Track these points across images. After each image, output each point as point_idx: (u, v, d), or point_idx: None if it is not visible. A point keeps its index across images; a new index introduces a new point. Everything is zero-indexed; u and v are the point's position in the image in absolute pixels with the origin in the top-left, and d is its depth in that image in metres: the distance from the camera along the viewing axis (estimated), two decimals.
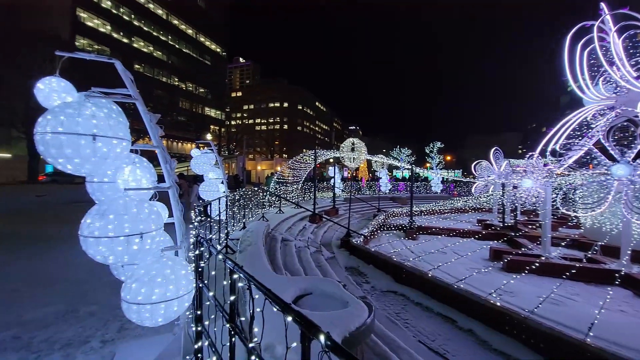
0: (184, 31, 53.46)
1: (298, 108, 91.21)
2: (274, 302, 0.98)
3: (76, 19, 37.43)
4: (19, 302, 3.62)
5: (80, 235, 1.88)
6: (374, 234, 8.96)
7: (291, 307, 0.91)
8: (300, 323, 0.83)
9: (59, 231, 7.72)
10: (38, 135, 1.74)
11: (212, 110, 59.08)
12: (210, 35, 58.80)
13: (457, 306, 4.48)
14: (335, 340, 0.74)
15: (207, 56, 58.55)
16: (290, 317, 0.89)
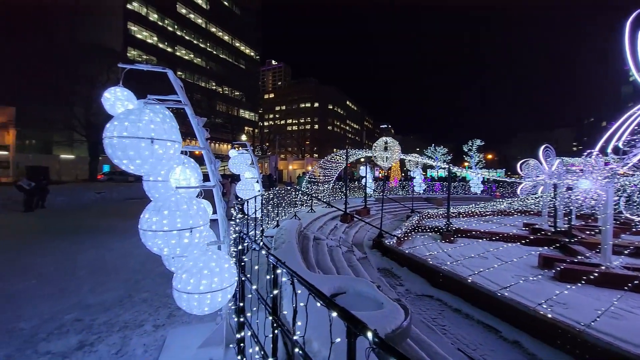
0: (220, 38, 56.27)
1: (329, 108, 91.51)
2: (318, 298, 1.02)
3: (127, 32, 41.13)
4: (83, 288, 4.08)
5: (140, 228, 2.08)
6: (408, 236, 8.71)
7: (336, 304, 0.93)
8: (346, 319, 0.86)
9: (116, 225, 8.58)
10: (106, 139, 1.97)
11: (247, 112, 61.51)
12: (244, 40, 61.25)
13: (502, 315, 4.21)
14: (383, 338, 0.75)
15: (242, 60, 61.06)
16: (335, 313, 0.92)
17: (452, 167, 9.29)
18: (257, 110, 65.63)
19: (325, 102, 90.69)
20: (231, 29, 57.81)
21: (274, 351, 1.39)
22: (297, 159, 49.24)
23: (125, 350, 2.67)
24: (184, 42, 49.41)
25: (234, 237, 2.69)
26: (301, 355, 1.14)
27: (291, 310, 1.60)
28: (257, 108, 66.09)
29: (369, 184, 13.98)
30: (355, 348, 0.84)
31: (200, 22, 52.32)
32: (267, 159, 33.73)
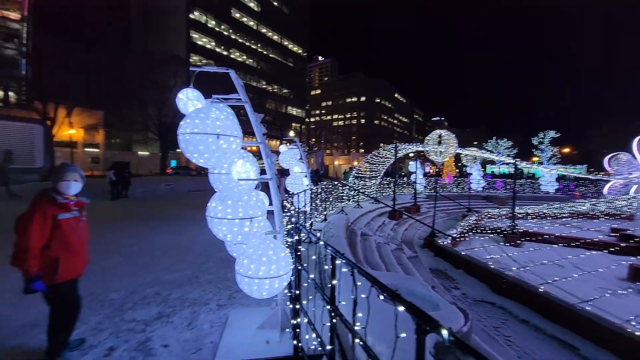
0: (270, 38, 58.52)
1: (375, 101, 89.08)
2: (382, 291, 1.00)
3: (190, 40, 45.26)
4: (158, 266, 4.67)
5: (208, 215, 2.30)
6: (464, 236, 8.10)
7: (403, 298, 0.91)
8: (417, 315, 0.82)
9: (183, 213, 9.62)
10: (180, 136, 2.20)
11: (294, 109, 63.24)
12: (292, 38, 62.75)
13: (580, 331, 3.68)
14: (459, 337, 0.70)
15: (290, 58, 62.77)
16: (402, 308, 0.89)
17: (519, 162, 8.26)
18: (304, 106, 67.06)
19: (372, 95, 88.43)
20: (280, 28, 59.71)
21: (331, 339, 1.42)
22: (342, 154, 49.18)
23: (194, 324, 2.99)
24: (238, 45, 52.60)
25: (288, 228, 2.80)
26: (361, 346, 1.14)
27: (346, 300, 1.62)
28: (304, 104, 67.50)
29: (419, 180, 13.30)
30: (424, 345, 0.81)
31: (252, 24, 55.04)
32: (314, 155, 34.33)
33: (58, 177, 2.26)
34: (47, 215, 2.14)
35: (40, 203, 2.17)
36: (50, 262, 2.16)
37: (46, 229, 2.14)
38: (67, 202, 2.28)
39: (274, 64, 58.62)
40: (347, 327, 1.22)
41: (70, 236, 2.24)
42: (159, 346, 2.63)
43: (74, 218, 2.30)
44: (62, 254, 2.21)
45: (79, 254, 2.33)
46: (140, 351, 2.55)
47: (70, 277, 2.31)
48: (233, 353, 2.46)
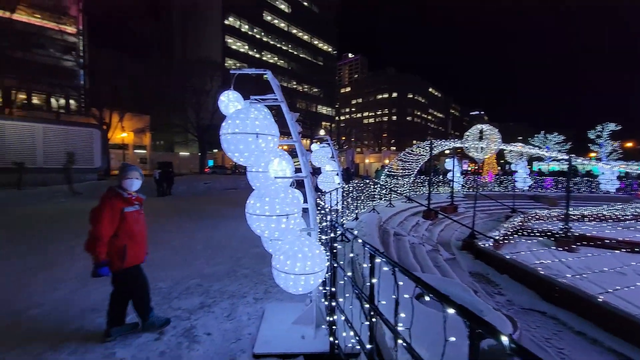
0: (300, 38, 59.20)
1: (408, 97, 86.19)
2: (428, 292, 0.97)
3: (225, 44, 47.35)
4: (200, 260, 4.96)
5: (247, 212, 2.40)
6: (508, 239, 7.55)
7: (452, 300, 0.87)
8: (469, 319, 0.79)
9: (220, 210, 10.14)
10: (222, 136, 2.32)
11: (324, 107, 63.42)
12: (322, 37, 62.88)
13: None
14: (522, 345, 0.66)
15: (319, 57, 63.01)
16: (452, 310, 0.85)
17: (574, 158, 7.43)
18: (333, 105, 66.98)
19: (404, 91, 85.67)
20: (310, 28, 60.16)
21: (371, 339, 1.41)
22: (373, 152, 48.33)
23: (233, 316, 3.14)
24: (269, 47, 53.96)
25: (323, 225, 2.82)
26: (405, 347, 1.12)
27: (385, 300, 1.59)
28: (334, 103, 67.39)
29: (457, 179, 12.62)
30: (479, 351, 0.77)
31: (283, 25, 56.09)
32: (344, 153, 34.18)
33: (122, 176, 2.60)
34: (115, 209, 2.47)
35: (110, 198, 2.50)
36: (119, 250, 2.49)
37: (115, 220, 2.47)
38: (131, 197, 2.60)
39: (304, 64, 59.28)
40: (389, 327, 1.20)
41: (134, 227, 2.58)
42: (203, 334, 2.80)
43: (136, 211, 2.64)
44: (129, 242, 2.53)
45: (141, 243, 2.67)
46: (186, 337, 2.74)
47: (135, 263, 2.64)
48: (270, 345, 2.54)
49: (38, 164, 14.14)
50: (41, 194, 11.95)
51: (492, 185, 15.84)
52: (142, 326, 2.77)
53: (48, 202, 11.12)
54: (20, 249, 5.29)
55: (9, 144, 13.42)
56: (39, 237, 6.08)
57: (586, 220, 9.87)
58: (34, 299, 3.43)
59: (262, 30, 52.64)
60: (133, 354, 2.48)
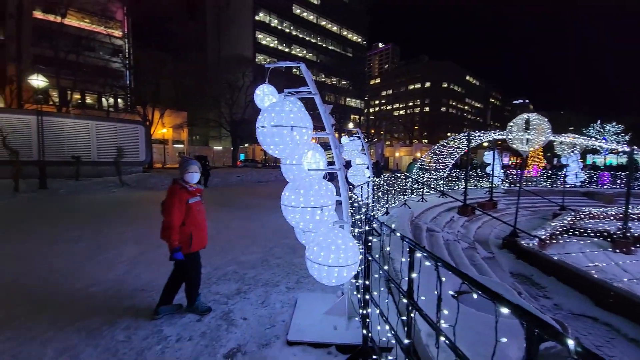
0: (329, 30, 58.51)
1: (442, 86, 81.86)
2: (477, 289, 0.92)
3: (256, 40, 48.29)
4: (235, 248, 5.19)
5: (282, 204, 2.45)
6: (555, 238, 6.96)
7: (506, 299, 0.81)
8: (528, 319, 0.73)
9: (252, 201, 10.51)
10: (259, 129, 2.38)
11: (353, 100, 62.44)
12: (352, 27, 61.56)
13: None
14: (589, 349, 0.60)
15: (349, 48, 61.88)
16: (505, 310, 0.80)
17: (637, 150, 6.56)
18: (363, 97, 65.66)
19: (439, 80, 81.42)
20: (340, 19, 59.17)
21: (408, 333, 1.38)
22: (404, 145, 46.83)
23: (267, 302, 3.26)
24: (298, 41, 54.06)
25: (356, 218, 2.80)
26: (447, 345, 1.08)
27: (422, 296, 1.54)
28: (363, 95, 66.05)
29: (497, 173, 11.81)
30: (537, 354, 0.71)
31: (312, 18, 55.76)
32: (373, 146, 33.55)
33: (184, 170, 2.80)
34: (182, 200, 2.72)
35: (177, 191, 2.74)
36: (186, 237, 2.76)
37: (182, 211, 2.72)
38: (193, 189, 2.84)
39: (333, 56, 58.65)
40: (430, 323, 1.16)
41: (198, 216, 2.83)
42: (239, 318, 2.95)
43: (198, 202, 2.88)
44: (194, 230, 2.80)
45: (203, 230, 2.93)
46: (225, 320, 2.90)
47: (199, 248, 2.91)
48: (303, 333, 2.61)
49: (92, 157, 15.63)
50: (95, 185, 13.24)
51: (538, 180, 14.56)
52: (185, 308, 3.00)
53: (101, 192, 12.30)
54: (80, 233, 5.92)
55: (67, 140, 14.99)
56: (95, 223, 6.76)
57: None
58: (92, 278, 3.83)
59: (292, 24, 52.81)
60: (178, 332, 2.68)
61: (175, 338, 2.60)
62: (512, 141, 5.88)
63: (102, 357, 2.34)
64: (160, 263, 4.35)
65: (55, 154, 14.07)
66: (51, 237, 5.55)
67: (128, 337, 2.59)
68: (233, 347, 2.51)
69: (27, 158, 12.42)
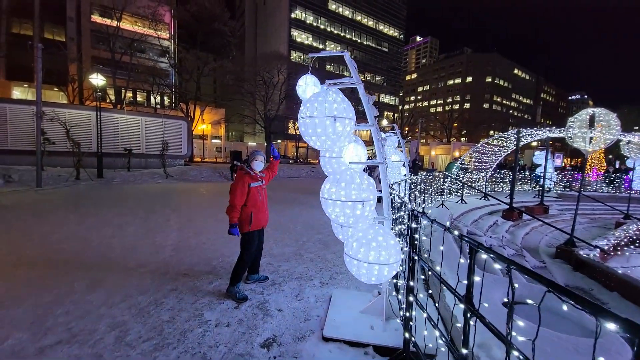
0: (365, 24, 57.33)
1: (486, 81, 76.56)
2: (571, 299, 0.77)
3: (291, 38, 48.89)
4: (268, 240, 5.25)
5: (322, 197, 2.39)
6: (620, 250, 6.15)
7: (612, 312, 0.67)
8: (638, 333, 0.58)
9: (284, 196, 10.68)
10: (301, 120, 2.34)
11: (387, 96, 60.82)
12: (389, 21, 59.77)
13: None
14: None
15: (385, 43, 60.21)
16: (612, 325, 0.66)
17: None
18: (397, 93, 63.69)
19: (482, 74, 76.23)
20: (376, 13, 57.75)
21: (464, 342, 1.24)
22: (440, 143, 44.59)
23: (302, 296, 3.25)
24: (333, 37, 53.73)
25: (398, 214, 2.66)
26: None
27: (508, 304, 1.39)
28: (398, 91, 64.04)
29: (549, 175, 10.72)
30: None
31: (348, 13, 55.05)
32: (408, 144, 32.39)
33: (252, 158, 3.20)
34: (245, 184, 3.07)
35: (242, 176, 3.11)
36: (247, 216, 3.11)
37: (244, 193, 3.07)
38: (256, 175, 3.17)
39: (367, 52, 57.49)
40: (497, 334, 1.03)
41: (258, 199, 3.17)
42: (274, 309, 2.97)
43: (260, 186, 3.22)
44: (254, 210, 3.13)
45: (263, 211, 3.24)
46: (261, 310, 2.94)
47: (258, 227, 3.23)
48: (339, 330, 2.54)
49: (141, 150, 16.99)
50: (144, 175, 14.38)
51: (598, 184, 12.96)
52: (226, 292, 3.21)
53: (148, 182, 13.33)
54: (131, 218, 6.44)
55: (121, 134, 16.44)
56: (144, 210, 7.31)
57: None
58: (142, 259, 4.12)
59: (327, 19, 52.61)
60: (217, 317, 2.77)
61: (215, 323, 2.68)
62: (573, 139, 5.23)
63: (149, 334, 2.48)
64: (201, 250, 4.57)
65: (111, 147, 15.53)
66: (107, 220, 6.10)
67: (172, 318, 2.73)
68: (269, 337, 2.52)
69: (87, 149, 13.84)
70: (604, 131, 4.91)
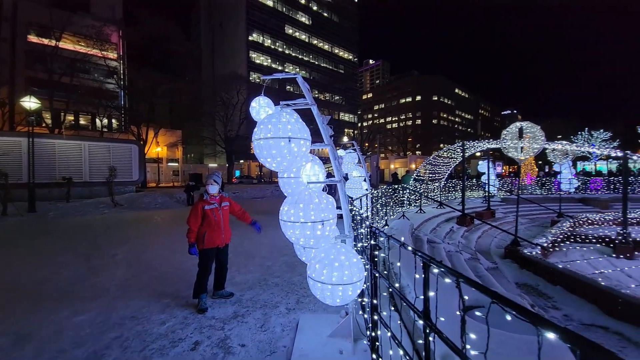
0: (321, 48, 60.23)
1: (433, 99, 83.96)
2: (513, 310, 0.80)
3: (249, 59, 49.34)
4: (230, 268, 4.92)
5: (280, 219, 2.32)
6: (557, 246, 6.87)
7: (551, 322, 0.70)
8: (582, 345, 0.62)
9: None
10: (255, 142, 2.29)
11: (346, 114, 63.47)
12: (343, 45, 63.52)
13: None
14: None
15: (341, 65, 63.55)
16: (552, 335, 0.69)
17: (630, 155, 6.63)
18: (356, 111, 66.86)
19: (429, 93, 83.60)
20: (331, 38, 61.10)
21: (426, 357, 1.24)
22: (398, 157, 47.25)
23: (267, 326, 3.06)
24: (291, 59, 55.43)
25: (359, 232, 2.68)
26: None
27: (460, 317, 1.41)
28: (356, 110, 67.28)
29: (492, 181, 11.85)
30: None
31: (304, 37, 57.48)
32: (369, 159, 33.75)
33: (207, 182, 3.52)
34: (198, 208, 3.43)
35: (198, 201, 3.50)
36: (201, 235, 3.44)
37: (198, 216, 3.41)
38: (211, 198, 3.50)
39: (325, 73, 60.09)
40: (453, 348, 1.04)
41: (212, 219, 3.46)
42: (237, 345, 2.74)
43: (215, 209, 3.51)
44: (207, 230, 3.45)
45: (217, 230, 3.50)
46: (221, 348, 2.69)
47: (213, 246, 3.50)
48: (306, 359, 2.41)
49: (84, 178, 15.35)
50: (87, 206, 12.90)
51: (532, 187, 14.67)
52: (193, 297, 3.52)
53: (92, 213, 11.96)
54: (68, 258, 5.65)
55: (59, 161, 14.74)
56: (87, 246, 6.48)
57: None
58: (80, 305, 3.59)
59: (284, 43, 54.30)
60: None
61: None
62: (507, 149, 5.92)
63: None
64: (153, 287, 4.12)
65: (46, 176, 13.78)
66: (39, 262, 5.27)
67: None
68: None
69: (17, 180, 12.12)
70: (531, 141, 5.61)
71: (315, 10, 58.58)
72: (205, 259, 3.49)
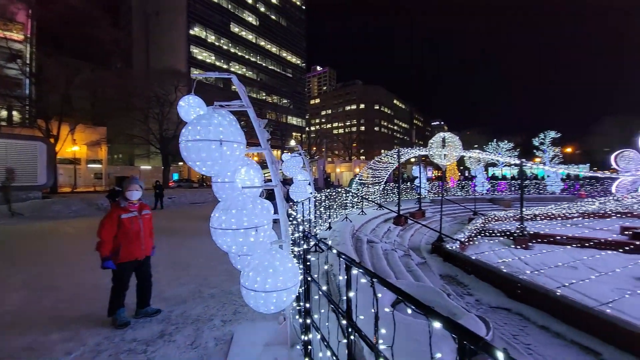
0: (269, 50, 59.58)
1: (375, 108, 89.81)
2: (411, 303, 0.89)
3: (190, 55, 46.08)
4: (159, 282, 4.49)
5: (211, 227, 2.19)
6: (472, 240, 7.92)
7: (439, 313, 0.79)
8: (459, 333, 0.71)
9: (186, 226, 9.50)
10: (182, 143, 2.12)
11: (294, 118, 63.71)
12: (291, 49, 63.87)
13: (602, 335, 3.50)
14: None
15: (288, 69, 63.72)
16: (438, 324, 0.78)
17: (525, 162, 8.12)
18: (304, 116, 67.68)
19: (371, 102, 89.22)
20: (279, 41, 60.88)
21: (349, 356, 1.29)
22: (344, 161, 49.16)
23: (198, 343, 2.84)
24: (237, 58, 53.55)
25: (295, 236, 2.69)
26: None
27: (362, 314, 1.49)
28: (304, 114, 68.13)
29: (423, 185, 13.16)
30: None
31: (251, 37, 56.14)
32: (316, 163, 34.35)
33: (125, 188, 3.17)
34: (113, 217, 3.08)
35: (112, 208, 3.18)
36: (116, 248, 3.06)
37: (113, 225, 3.05)
38: (129, 206, 3.17)
39: (273, 76, 59.53)
40: (369, 345, 1.10)
41: (130, 229, 3.11)
42: None
43: (134, 217, 3.17)
44: (123, 242, 3.08)
45: (135, 242, 3.16)
46: None
47: (130, 259, 3.15)
48: None
49: None
50: None
51: (455, 190, 16.85)
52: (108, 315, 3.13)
53: None
54: None
55: None
56: None
57: (538, 220, 10.74)
58: None
59: (230, 41, 52.20)
60: None
61: None
62: (433, 156, 6.69)
63: None
64: (58, 311, 3.49)
65: None
66: None
67: None
68: None
69: None
70: (452, 149, 6.42)
71: (262, 11, 57.75)
72: (120, 273, 3.12)
